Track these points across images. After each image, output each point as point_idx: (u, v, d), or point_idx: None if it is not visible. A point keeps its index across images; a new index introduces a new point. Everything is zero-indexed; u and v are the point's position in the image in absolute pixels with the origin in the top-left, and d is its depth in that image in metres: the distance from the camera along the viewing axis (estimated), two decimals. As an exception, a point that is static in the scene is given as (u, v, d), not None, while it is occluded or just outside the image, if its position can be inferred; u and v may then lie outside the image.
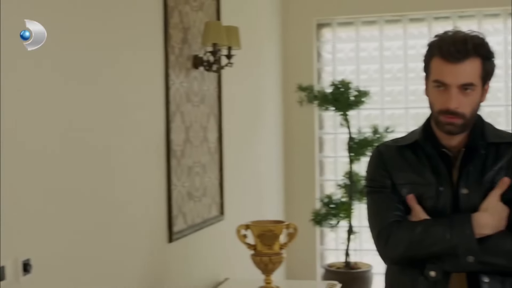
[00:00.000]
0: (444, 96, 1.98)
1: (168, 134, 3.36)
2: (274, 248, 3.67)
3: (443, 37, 2.01)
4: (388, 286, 2.16)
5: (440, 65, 1.98)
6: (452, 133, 2.00)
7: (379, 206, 2.10)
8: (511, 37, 5.72)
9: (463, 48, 1.95)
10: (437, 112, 2.01)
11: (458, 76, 1.95)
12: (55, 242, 2.38)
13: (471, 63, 1.96)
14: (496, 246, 1.95)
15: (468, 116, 1.99)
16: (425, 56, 2.07)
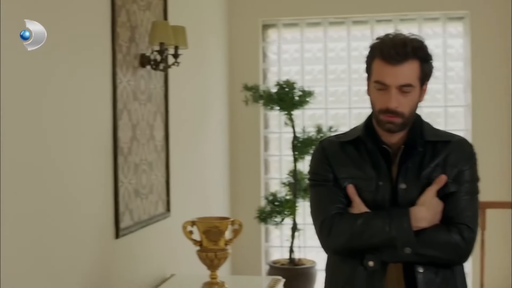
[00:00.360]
0: (385, 96, 2.08)
1: (115, 131, 3.39)
2: (220, 244, 3.74)
3: (384, 40, 2.10)
4: (328, 276, 2.25)
5: (381, 67, 2.08)
6: (392, 131, 2.10)
7: (322, 198, 2.19)
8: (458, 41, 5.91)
9: (402, 51, 2.05)
10: (378, 111, 2.11)
11: (397, 77, 2.05)
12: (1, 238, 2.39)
13: (410, 65, 2.06)
14: (432, 239, 2.06)
15: (407, 115, 2.10)
16: (367, 58, 2.17)
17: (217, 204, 5.56)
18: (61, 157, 2.86)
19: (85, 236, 3.09)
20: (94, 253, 3.18)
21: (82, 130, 3.07)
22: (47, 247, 2.73)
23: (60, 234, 2.83)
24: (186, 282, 3.99)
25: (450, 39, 5.98)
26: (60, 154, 2.86)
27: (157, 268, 4.02)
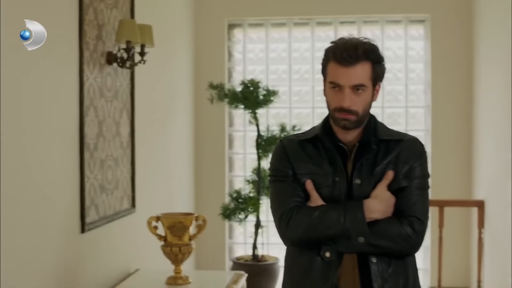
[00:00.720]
0: (339, 96, 2.19)
1: (81, 127, 3.44)
2: (184, 239, 3.83)
3: (337, 44, 2.23)
4: (287, 267, 2.36)
5: (335, 68, 2.20)
6: (347, 128, 2.22)
7: (282, 193, 2.29)
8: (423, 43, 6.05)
9: (354, 53, 2.17)
10: (333, 110, 2.23)
11: (350, 78, 2.17)
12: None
13: (361, 67, 2.18)
14: (384, 230, 2.18)
15: (361, 113, 2.21)
16: (322, 61, 2.29)
17: (182, 200, 5.63)
18: (29, 152, 2.91)
19: (52, 230, 3.14)
20: (60, 247, 3.23)
21: (49, 125, 3.12)
22: (14, 240, 2.77)
23: (26, 227, 2.88)
24: (151, 277, 4.04)
25: (412, 41, 6.13)
26: (28, 149, 2.91)
27: (122, 263, 4.08)
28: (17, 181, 2.80)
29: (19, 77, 2.82)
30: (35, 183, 2.98)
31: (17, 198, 2.80)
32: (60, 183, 3.25)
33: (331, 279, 2.18)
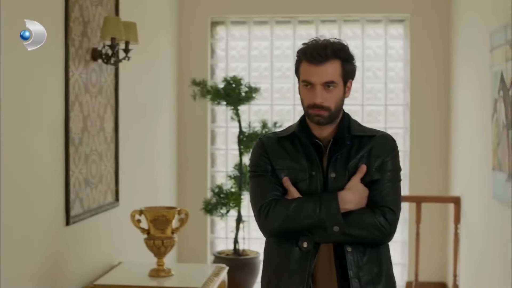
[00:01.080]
0: (311, 93, 2.31)
1: (67, 122, 3.52)
2: (167, 232, 3.92)
3: (308, 45, 2.35)
4: (266, 257, 2.45)
5: (307, 68, 2.32)
6: (320, 123, 2.33)
7: (261, 187, 2.40)
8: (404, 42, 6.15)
9: (324, 52, 2.28)
10: (307, 107, 2.35)
11: (321, 75, 2.29)
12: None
13: (331, 65, 2.30)
14: (358, 220, 2.29)
15: (333, 109, 2.32)
16: (295, 62, 2.41)
17: (165, 195, 5.70)
18: (15, 146, 2.98)
19: (37, 222, 3.22)
20: (45, 239, 3.31)
21: (35, 120, 3.19)
22: (3, 233, 2.85)
23: (13, 219, 2.95)
24: (134, 269, 4.12)
25: (391, 41, 6.23)
26: (14, 143, 2.97)
27: (106, 255, 4.15)
28: (3, 175, 2.87)
29: (5, 73, 2.88)
30: (21, 176, 3.05)
31: (3, 191, 2.86)
32: (46, 177, 3.32)
33: (308, 268, 2.29)
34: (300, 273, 2.29)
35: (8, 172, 2.91)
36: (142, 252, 4.39)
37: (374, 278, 2.32)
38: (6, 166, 2.89)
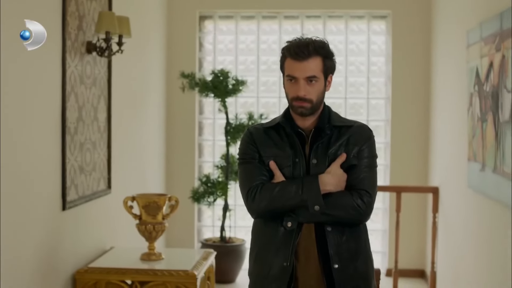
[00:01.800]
0: (295, 87, 2.52)
1: (63, 112, 3.68)
2: (158, 218, 4.10)
3: (292, 43, 2.55)
4: (254, 236, 2.64)
5: (291, 64, 2.52)
6: (303, 114, 2.53)
7: (249, 173, 2.59)
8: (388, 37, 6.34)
9: (306, 50, 2.49)
10: (291, 100, 2.55)
11: (304, 70, 2.49)
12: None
13: (313, 61, 2.50)
14: (337, 201, 2.49)
15: (315, 101, 2.53)
16: (280, 58, 2.61)
17: (153, 184, 5.86)
18: (15, 135, 3.14)
19: (36, 206, 3.39)
20: (44, 222, 3.48)
21: (34, 110, 3.35)
22: (3, 216, 3.02)
23: (13, 204, 3.11)
24: (126, 253, 4.28)
25: (374, 36, 6.42)
26: (14, 133, 3.13)
27: (98, 240, 4.32)
28: (3, 162, 3.02)
29: (6, 65, 3.03)
30: (21, 163, 3.21)
31: (4, 178, 3.02)
32: (44, 164, 3.49)
33: (292, 245, 2.48)
34: (285, 250, 2.48)
35: (8, 159, 3.06)
36: (132, 237, 4.58)
37: (353, 256, 2.51)
38: (6, 154, 3.04)
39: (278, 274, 2.48)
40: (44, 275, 3.50)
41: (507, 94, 3.51)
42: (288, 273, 2.47)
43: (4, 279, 3.02)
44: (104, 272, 3.88)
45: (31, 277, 3.37)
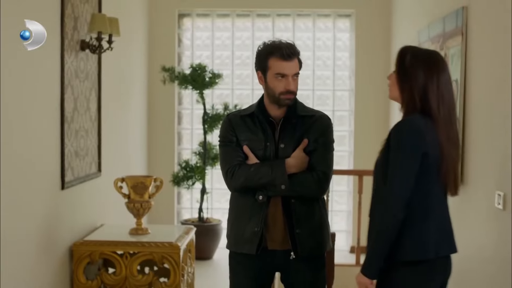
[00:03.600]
0: (284, 82, 2.96)
1: (62, 103, 4.16)
2: (145, 196, 4.60)
3: (276, 45, 2.98)
4: (231, 207, 3.14)
5: (279, 63, 2.95)
6: (289, 105, 3.00)
7: (228, 154, 3.08)
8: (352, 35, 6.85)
9: (293, 51, 2.97)
10: (279, 94, 2.98)
11: (292, 68, 2.97)
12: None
13: (296, 61, 2.99)
14: (299, 179, 2.98)
15: (296, 93, 3.02)
16: (261, 58, 3.03)
17: (137, 169, 6.33)
18: (21, 123, 3.59)
19: (40, 185, 3.86)
20: (46, 200, 3.96)
21: (37, 101, 3.82)
22: (9, 195, 3.48)
23: (19, 184, 3.57)
24: (116, 229, 4.75)
25: (339, 33, 6.94)
26: (20, 120, 3.58)
27: (90, 218, 4.79)
28: (11, 146, 3.48)
29: (12, 61, 3.48)
30: (26, 148, 3.66)
31: (11, 161, 3.47)
32: (45, 148, 3.96)
33: (263, 215, 2.98)
34: (256, 218, 2.98)
35: (14, 144, 3.51)
36: (120, 216, 5.08)
37: (312, 223, 3.02)
38: (13, 140, 3.50)
39: (250, 237, 2.99)
40: (45, 247, 3.96)
41: (447, 87, 4.07)
42: (258, 237, 2.97)
43: (9, 251, 3.45)
44: (98, 244, 4.36)
45: (34, 249, 3.81)
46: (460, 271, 3.89)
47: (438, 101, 2.58)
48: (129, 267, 4.35)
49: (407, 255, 2.57)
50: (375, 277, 2.61)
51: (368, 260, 2.62)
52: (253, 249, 2.96)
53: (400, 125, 2.59)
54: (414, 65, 2.61)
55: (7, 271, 3.39)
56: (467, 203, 3.73)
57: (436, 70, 2.60)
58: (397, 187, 2.54)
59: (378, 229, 2.58)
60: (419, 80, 2.59)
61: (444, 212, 2.67)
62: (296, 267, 3.00)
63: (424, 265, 2.58)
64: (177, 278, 4.36)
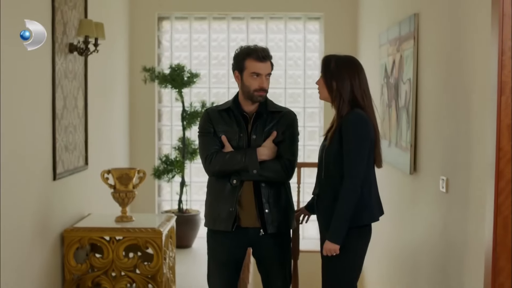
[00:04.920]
0: (258, 81, 3.38)
1: (53, 101, 4.55)
2: (129, 187, 5.00)
3: (253, 48, 3.40)
4: (208, 190, 3.55)
5: (255, 64, 3.38)
6: (261, 101, 3.42)
7: (206, 143, 3.48)
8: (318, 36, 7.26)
9: (268, 54, 3.40)
10: (254, 90, 3.39)
11: (266, 69, 3.39)
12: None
13: (269, 63, 3.41)
14: (269, 166, 3.40)
15: (268, 91, 3.44)
16: (238, 59, 3.44)
17: (120, 163, 6.71)
18: (16, 120, 3.97)
19: (34, 176, 4.24)
20: (40, 189, 4.34)
21: (31, 99, 4.20)
22: (7, 185, 3.87)
23: (14, 175, 3.95)
24: (103, 217, 5.13)
25: (309, 35, 7.34)
26: (15, 117, 3.97)
27: (78, 207, 5.17)
28: (9, 141, 3.87)
29: (8, 63, 3.86)
30: (20, 142, 4.05)
31: (6, 154, 3.84)
32: (39, 142, 4.34)
33: (236, 196, 3.39)
34: (231, 200, 3.40)
35: (9, 139, 3.87)
36: (105, 206, 5.47)
37: (279, 204, 3.44)
38: (8, 134, 3.87)
39: (226, 216, 3.41)
40: (38, 233, 4.34)
41: (403, 85, 4.52)
42: (233, 216, 3.40)
43: (7, 237, 3.80)
44: (87, 231, 4.75)
45: (29, 234, 4.19)
46: (413, 249, 4.36)
47: (362, 95, 3.21)
48: (115, 251, 4.75)
49: (361, 221, 3.16)
50: (341, 243, 3.09)
51: (336, 230, 3.11)
52: (229, 227, 3.38)
53: (352, 118, 3.10)
54: (339, 69, 3.22)
55: (5, 254, 3.76)
56: (418, 187, 4.20)
57: (356, 71, 3.24)
58: (357, 169, 3.10)
59: (345, 204, 3.09)
60: (345, 81, 3.18)
61: (376, 183, 3.28)
62: (265, 243, 3.43)
63: (368, 228, 3.25)
64: (160, 261, 4.78)
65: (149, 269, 4.79)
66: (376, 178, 3.34)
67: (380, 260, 5.61)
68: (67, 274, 4.71)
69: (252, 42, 6.57)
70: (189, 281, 5.67)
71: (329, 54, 3.37)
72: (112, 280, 4.79)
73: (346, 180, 3.10)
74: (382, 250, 5.48)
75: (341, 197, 3.10)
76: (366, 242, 3.27)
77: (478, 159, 3.10)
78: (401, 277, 4.75)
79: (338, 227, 3.11)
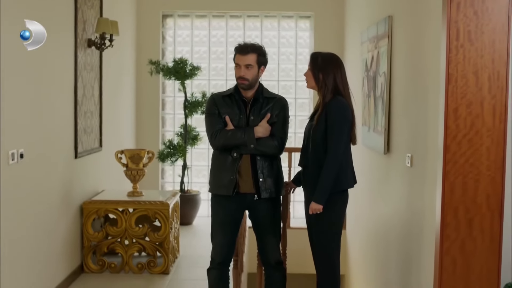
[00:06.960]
0: (239, 70, 4.02)
1: (75, 89, 5.21)
2: (140, 165, 5.67)
3: (237, 45, 4.05)
4: (213, 161, 4.16)
5: (237, 56, 4.02)
6: (243, 88, 4.05)
7: (212, 122, 4.10)
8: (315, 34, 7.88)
9: (246, 48, 4.00)
10: (237, 78, 4.05)
11: (244, 60, 4.00)
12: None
13: (250, 56, 4.01)
14: (264, 142, 4.03)
15: (250, 80, 4.03)
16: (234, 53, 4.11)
17: (128, 147, 7.32)
18: (44, 104, 4.63)
19: (59, 154, 4.90)
20: (63, 166, 4.99)
21: (57, 88, 4.85)
22: (35, 163, 4.54)
23: (42, 153, 4.59)
24: (116, 192, 5.80)
25: (300, 32, 7.93)
26: (44, 103, 4.62)
27: (93, 184, 5.84)
28: (37, 123, 4.52)
29: (42, 55, 4.51)
30: (47, 125, 4.69)
31: (35, 136, 4.51)
32: (63, 125, 4.99)
33: (237, 167, 4.02)
34: (231, 169, 4.03)
35: (40, 121, 4.54)
36: (117, 183, 6.12)
37: (271, 174, 4.07)
38: (38, 118, 4.53)
39: (227, 183, 4.04)
40: (61, 205, 4.97)
41: (379, 77, 5.20)
42: (233, 183, 4.03)
43: (35, 208, 4.44)
44: (103, 203, 5.42)
45: (53, 205, 4.81)
46: (387, 219, 5.05)
47: (343, 85, 3.89)
48: (128, 221, 5.41)
49: (341, 186, 3.84)
50: (324, 204, 3.79)
51: (321, 192, 3.79)
52: (229, 192, 4.03)
53: (335, 104, 3.79)
54: (325, 64, 3.89)
55: (33, 223, 4.40)
56: (390, 164, 4.88)
57: (338, 66, 3.90)
58: (339, 145, 3.80)
59: (328, 172, 3.77)
60: (329, 73, 3.85)
61: (351, 157, 3.94)
62: (259, 206, 4.09)
63: (345, 192, 3.93)
64: (167, 230, 5.45)
65: (158, 237, 5.45)
66: (356, 157, 4.00)
67: (361, 229, 6.29)
68: (85, 241, 5.37)
69: (248, 39, 7.31)
70: (191, 251, 6.32)
71: (316, 51, 4.06)
72: (125, 247, 5.45)
73: (330, 153, 3.78)
74: (362, 221, 6.16)
75: (325, 166, 3.78)
76: (345, 203, 3.95)
77: (433, 137, 3.78)
78: (377, 243, 5.44)
79: (322, 190, 3.78)
